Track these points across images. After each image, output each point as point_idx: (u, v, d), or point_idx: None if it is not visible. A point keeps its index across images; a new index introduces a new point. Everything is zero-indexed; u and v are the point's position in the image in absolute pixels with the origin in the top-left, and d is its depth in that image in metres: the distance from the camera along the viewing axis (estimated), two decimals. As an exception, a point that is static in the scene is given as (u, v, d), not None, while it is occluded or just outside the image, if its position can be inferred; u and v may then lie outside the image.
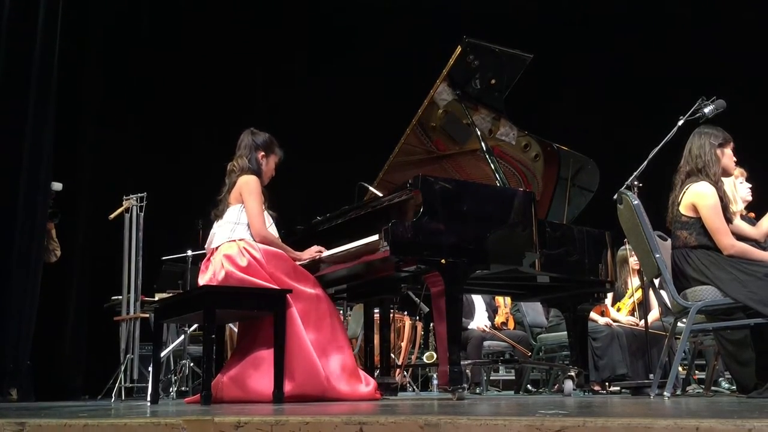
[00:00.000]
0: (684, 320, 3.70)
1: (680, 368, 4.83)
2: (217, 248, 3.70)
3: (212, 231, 3.81)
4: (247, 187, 3.74)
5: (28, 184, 5.08)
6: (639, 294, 5.61)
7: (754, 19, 7.35)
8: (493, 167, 4.07)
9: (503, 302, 6.43)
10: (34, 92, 5.16)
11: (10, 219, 4.99)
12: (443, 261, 3.36)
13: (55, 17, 5.34)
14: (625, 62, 8.03)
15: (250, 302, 3.49)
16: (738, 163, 4.06)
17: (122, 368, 5.53)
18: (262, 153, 3.89)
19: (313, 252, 3.82)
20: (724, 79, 7.03)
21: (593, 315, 5.25)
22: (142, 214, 5.91)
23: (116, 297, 6.06)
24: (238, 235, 3.66)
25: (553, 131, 5.00)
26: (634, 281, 5.76)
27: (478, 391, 6.05)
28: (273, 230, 3.81)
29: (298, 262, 3.76)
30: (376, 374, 4.21)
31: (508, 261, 3.62)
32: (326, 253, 3.79)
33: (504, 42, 4.16)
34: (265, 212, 3.80)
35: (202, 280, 3.69)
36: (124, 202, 5.94)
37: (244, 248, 3.61)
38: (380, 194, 3.99)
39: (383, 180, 4.39)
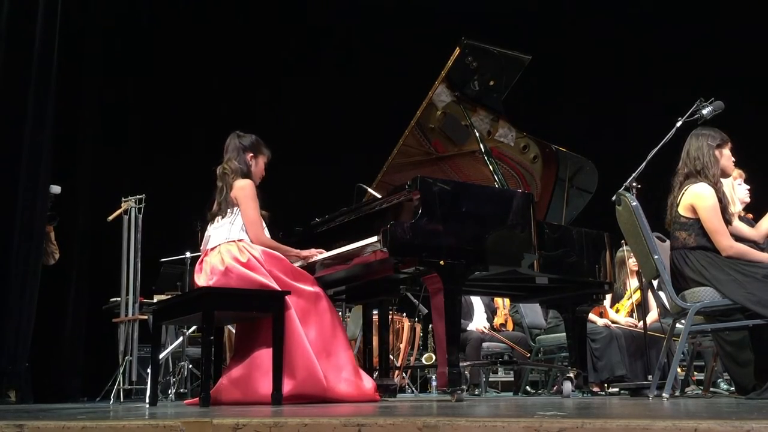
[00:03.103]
0: (683, 321, 3.70)
1: (679, 369, 4.83)
2: (213, 248, 3.70)
3: (207, 234, 3.80)
4: (243, 192, 3.73)
5: (27, 187, 5.07)
6: (638, 295, 5.61)
7: (753, 20, 7.36)
8: (491, 168, 4.08)
9: (502, 303, 6.43)
10: (32, 94, 5.15)
11: (9, 221, 4.98)
12: (442, 262, 3.36)
13: (54, 20, 5.34)
14: (624, 62, 8.04)
15: (249, 303, 3.48)
16: (737, 165, 4.06)
17: (121, 370, 5.52)
18: (251, 154, 3.88)
19: (312, 251, 3.83)
20: (724, 79, 7.04)
21: (592, 316, 5.25)
22: (141, 215, 5.91)
23: (115, 299, 6.06)
24: (236, 236, 3.68)
25: (552, 132, 5.00)
26: (633, 282, 5.77)
27: (476, 392, 6.05)
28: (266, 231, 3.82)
29: (296, 263, 3.77)
30: (374, 376, 4.21)
31: (507, 262, 3.62)
32: (325, 254, 3.79)
33: (503, 43, 4.16)
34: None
35: (199, 277, 3.69)
36: (122, 204, 5.94)
37: (244, 247, 3.64)
38: (379, 195, 3.99)
39: (382, 181, 4.39)
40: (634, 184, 3.90)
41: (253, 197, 3.73)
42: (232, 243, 3.66)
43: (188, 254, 5.78)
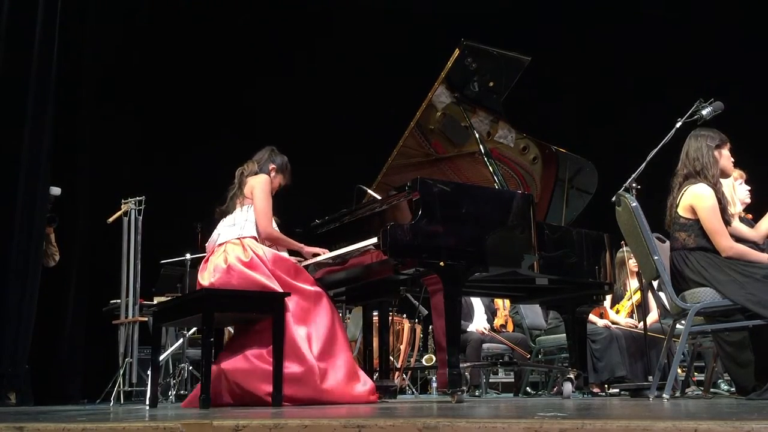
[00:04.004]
0: (683, 322, 3.70)
1: (679, 370, 4.82)
2: (221, 245, 3.73)
3: (217, 230, 3.83)
4: (260, 185, 3.82)
5: (27, 189, 5.07)
6: (638, 296, 5.62)
7: (753, 20, 7.36)
8: (491, 169, 4.08)
9: (502, 304, 6.43)
10: (32, 96, 5.15)
11: (9, 223, 4.98)
12: (442, 263, 3.36)
13: (53, 20, 5.33)
14: (624, 63, 8.04)
15: (249, 305, 3.49)
16: (737, 165, 4.06)
17: (121, 372, 5.52)
18: (273, 167, 3.98)
19: (316, 249, 3.89)
20: (723, 79, 7.05)
21: (592, 317, 5.25)
22: (141, 217, 5.91)
23: (115, 300, 6.06)
24: (247, 233, 3.72)
25: (552, 133, 5.00)
26: (633, 283, 5.77)
27: (477, 393, 6.04)
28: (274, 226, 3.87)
29: (302, 263, 3.80)
30: (375, 377, 4.21)
31: (507, 263, 3.62)
32: (325, 255, 3.80)
33: (503, 44, 4.17)
34: None
35: (202, 276, 3.71)
36: (122, 206, 5.94)
37: (249, 246, 3.67)
38: (379, 197, 3.99)
39: (382, 182, 4.39)
40: (634, 184, 3.90)
41: (266, 190, 3.82)
42: (238, 242, 3.68)
43: (188, 256, 5.78)
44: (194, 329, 5.78)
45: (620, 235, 4.02)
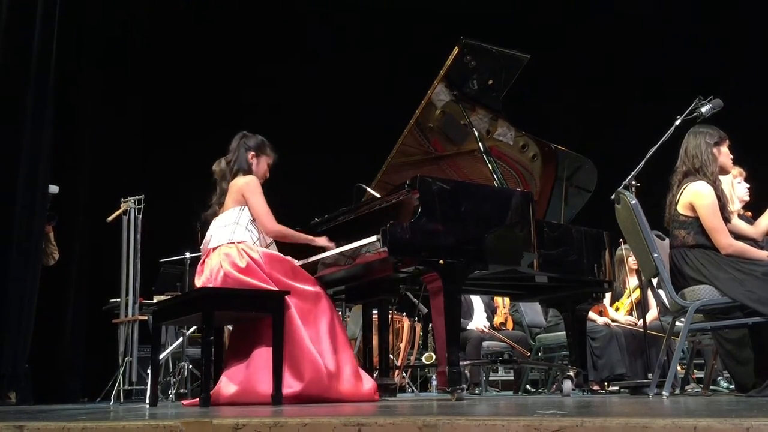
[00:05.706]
0: (682, 320, 3.71)
1: (679, 367, 4.82)
2: (214, 249, 3.70)
3: (209, 232, 3.81)
4: (248, 187, 3.74)
5: (26, 187, 5.07)
6: (637, 294, 5.62)
7: (752, 18, 7.36)
8: (491, 167, 4.08)
9: (502, 302, 6.43)
10: (31, 95, 5.15)
11: (8, 222, 4.98)
12: (441, 261, 3.36)
13: (52, 19, 5.33)
14: (623, 62, 8.04)
15: (248, 303, 3.49)
16: (736, 163, 4.06)
17: (121, 371, 5.53)
18: (252, 153, 3.88)
19: (325, 240, 3.85)
20: (723, 78, 7.04)
21: (592, 315, 5.25)
22: (140, 216, 5.91)
23: (115, 299, 6.06)
24: (238, 237, 3.67)
25: (551, 131, 5.00)
26: (632, 281, 5.77)
27: (477, 391, 6.05)
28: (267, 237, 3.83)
29: (304, 262, 3.79)
30: (375, 375, 4.21)
31: (507, 261, 3.62)
32: (324, 254, 3.79)
33: (502, 42, 4.17)
34: None
35: (199, 281, 3.69)
36: (121, 205, 5.94)
37: (243, 250, 3.62)
38: (378, 195, 3.99)
39: (381, 181, 4.39)
40: (634, 182, 3.90)
41: (258, 191, 3.74)
42: (232, 245, 3.64)
43: (188, 255, 5.78)
44: (194, 328, 5.78)
45: (619, 232, 4.02)
